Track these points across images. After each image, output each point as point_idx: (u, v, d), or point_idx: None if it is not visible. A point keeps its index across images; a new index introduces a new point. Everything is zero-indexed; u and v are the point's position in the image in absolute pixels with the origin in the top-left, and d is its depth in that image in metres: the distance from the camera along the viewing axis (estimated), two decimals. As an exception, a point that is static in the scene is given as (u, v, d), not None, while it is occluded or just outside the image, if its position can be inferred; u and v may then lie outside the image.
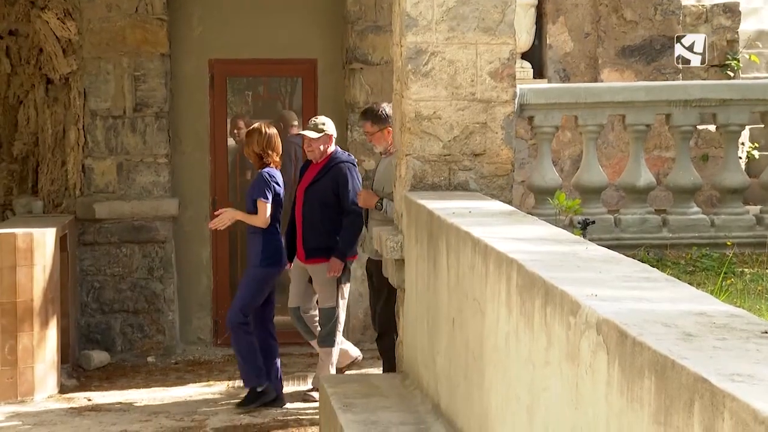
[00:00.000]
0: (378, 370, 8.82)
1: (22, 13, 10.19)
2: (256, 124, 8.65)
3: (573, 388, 3.60)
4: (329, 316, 8.57)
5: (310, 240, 8.51)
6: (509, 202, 6.86)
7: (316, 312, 8.66)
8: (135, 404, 8.47)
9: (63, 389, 8.94)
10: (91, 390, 9.04)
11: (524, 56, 12.13)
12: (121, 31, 10.08)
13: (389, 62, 9.43)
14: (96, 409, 8.48)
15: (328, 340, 8.58)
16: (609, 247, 4.82)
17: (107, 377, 9.49)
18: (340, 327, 8.66)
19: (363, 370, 9.19)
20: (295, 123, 10.79)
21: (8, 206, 10.43)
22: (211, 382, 9.26)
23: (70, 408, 8.47)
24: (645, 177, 8.80)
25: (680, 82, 11.00)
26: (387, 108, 8.13)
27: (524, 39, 11.92)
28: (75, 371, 9.51)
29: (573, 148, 11.84)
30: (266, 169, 8.45)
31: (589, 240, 6.16)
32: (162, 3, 10.13)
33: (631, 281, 3.86)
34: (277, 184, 8.45)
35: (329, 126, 8.58)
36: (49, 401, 8.61)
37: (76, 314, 9.90)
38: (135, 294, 10.16)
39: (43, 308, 8.66)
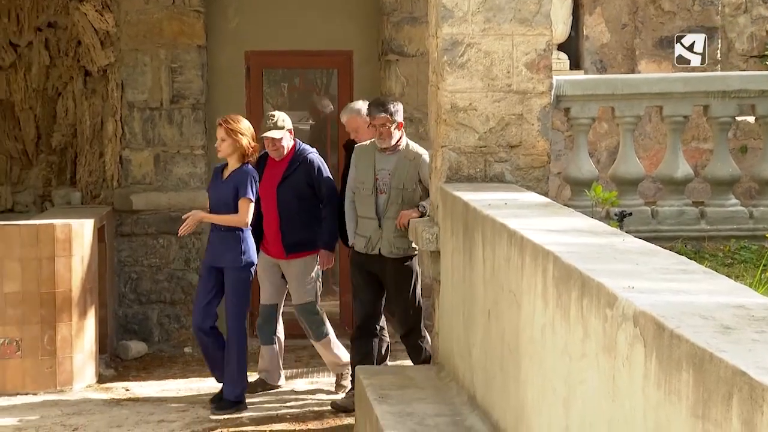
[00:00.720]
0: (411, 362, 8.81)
1: (61, 6, 10.26)
2: (239, 116, 8.31)
3: (610, 380, 3.59)
4: (312, 311, 8.46)
5: (289, 236, 8.36)
6: (545, 194, 6.83)
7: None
8: (172, 394, 8.51)
9: (101, 379, 9.00)
10: (128, 380, 9.10)
11: (561, 47, 12.08)
12: (158, 23, 10.13)
13: (425, 54, 9.42)
14: (133, 398, 8.53)
15: (320, 334, 8.49)
16: (646, 239, 4.80)
17: (144, 367, 9.55)
18: (325, 317, 8.57)
19: (398, 362, 9.19)
20: (330, 109, 10.78)
21: (47, 197, 10.51)
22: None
23: (109, 398, 8.53)
24: (683, 169, 8.75)
25: (719, 73, 10.92)
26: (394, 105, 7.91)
27: (561, 30, 11.87)
28: (113, 361, 9.57)
29: (610, 139, 11.78)
30: (248, 165, 8.13)
31: (626, 232, 6.13)
32: (198, -5, 10.18)
33: (669, 273, 3.84)
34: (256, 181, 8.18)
35: (288, 120, 8.41)
36: (88, 391, 8.67)
37: (113, 305, 9.97)
38: (172, 285, 10.21)
39: (81, 299, 8.72)
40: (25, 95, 10.37)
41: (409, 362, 8.24)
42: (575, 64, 12.13)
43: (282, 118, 8.38)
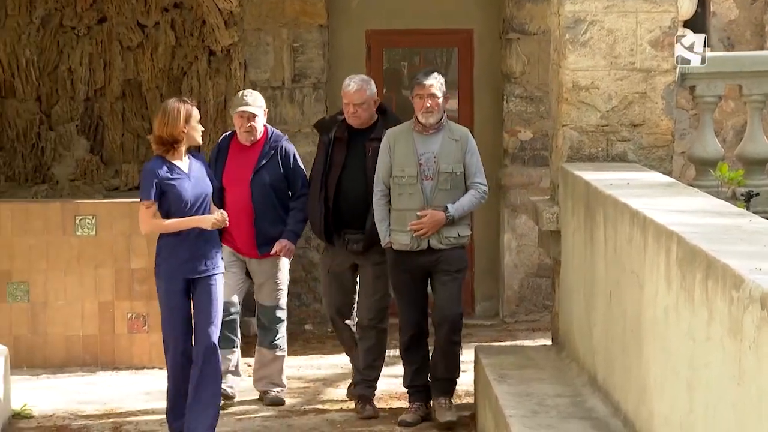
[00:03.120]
0: (533, 342, 8.78)
1: (187, -13, 10.44)
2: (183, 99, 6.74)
3: (735, 363, 3.53)
4: (279, 316, 7.74)
5: (264, 231, 7.53)
6: (669, 174, 6.74)
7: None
8: (293, 371, 8.61)
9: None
10: (251, 356, 9.23)
11: (686, 24, 11.85)
12: (280, 3, 10.21)
13: (546, 32, 9.32)
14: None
15: (280, 343, 7.75)
16: (774, 220, 4.70)
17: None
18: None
19: (518, 342, 9.15)
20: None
21: (172, 176, 10.69)
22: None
23: (230, 373, 8.66)
24: (812, 148, 8.52)
25: None
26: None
27: (687, 6, 11.64)
28: (235, 337, 9.71)
29: (736, 118, 11.53)
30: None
31: (753, 213, 6.01)
32: (321, -26, 10.24)
33: (798, 255, 3.76)
34: None
35: (263, 101, 7.64)
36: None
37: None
38: (293, 263, 10.29)
39: (204, 275, 8.86)
40: (151, 75, 10.56)
41: (528, 342, 8.16)
42: (701, 42, 11.90)
43: (258, 96, 7.64)
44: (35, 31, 10.50)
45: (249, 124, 7.53)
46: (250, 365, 8.17)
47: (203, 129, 6.79)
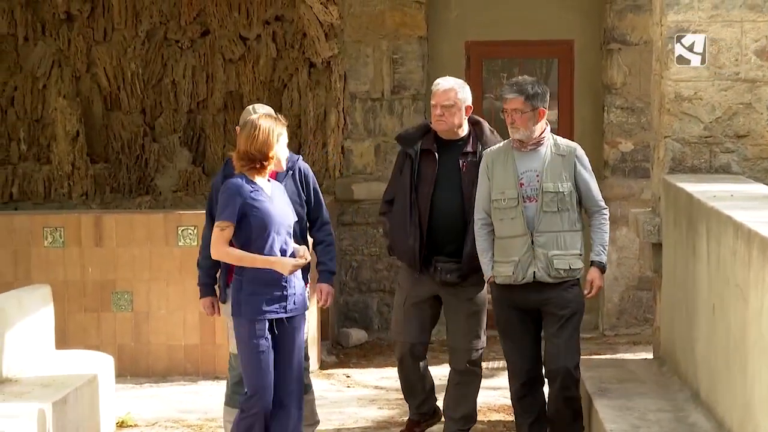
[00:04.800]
0: (634, 355, 8.68)
1: (288, 0, 10.55)
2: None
3: (843, 380, 3.45)
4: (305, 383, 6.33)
5: None
6: (775, 186, 6.62)
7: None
8: (391, 383, 8.63)
9: (323, 365, 9.21)
10: (349, 367, 9.27)
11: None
12: (380, 15, 10.27)
13: (648, 42, 9.23)
14: (354, 385, 8.69)
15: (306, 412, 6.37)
16: None
17: (364, 355, 9.71)
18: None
19: (618, 355, 9.06)
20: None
21: (272, 187, 10.80)
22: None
23: (330, 383, 8.72)
24: None
25: None
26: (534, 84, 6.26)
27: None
28: (334, 348, 9.78)
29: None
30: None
31: None
32: (421, -14, 10.28)
33: None
34: None
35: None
36: (310, 376, 8.86)
37: (335, 293, 10.17)
38: (391, 274, 10.33)
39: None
40: (252, 87, 10.70)
41: (629, 355, 8.04)
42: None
43: (271, 112, 6.30)
44: (140, 44, 10.72)
45: None
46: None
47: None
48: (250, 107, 6.38)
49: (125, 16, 10.69)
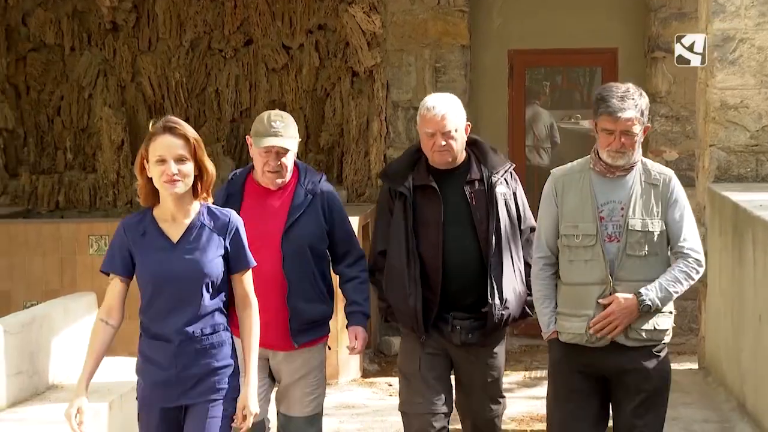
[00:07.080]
0: (679, 365, 8.60)
1: (331, 9, 10.57)
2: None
3: None
4: (318, 427, 5.46)
5: (300, 313, 5.25)
6: (822, 195, 6.56)
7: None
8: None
9: (365, 374, 9.21)
10: (391, 375, 9.25)
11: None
12: (423, 24, 10.28)
13: (693, 50, 9.18)
14: (396, 394, 8.67)
15: None
16: None
17: (407, 363, 9.68)
18: None
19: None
20: (547, 125, 10.62)
21: (315, 195, 10.84)
22: (507, 372, 9.30)
23: (372, 392, 8.72)
24: None
25: None
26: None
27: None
28: (376, 357, 9.77)
29: None
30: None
31: None
32: (463, -5, 10.28)
33: None
34: None
35: (295, 126, 5.34)
36: (352, 384, 8.88)
37: (377, 301, 10.16)
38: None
39: (346, 294, 8.93)
40: (295, 96, 10.74)
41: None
42: None
43: (290, 121, 5.28)
44: (184, 53, 10.79)
45: (278, 163, 5.21)
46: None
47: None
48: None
49: (170, 26, 10.77)
